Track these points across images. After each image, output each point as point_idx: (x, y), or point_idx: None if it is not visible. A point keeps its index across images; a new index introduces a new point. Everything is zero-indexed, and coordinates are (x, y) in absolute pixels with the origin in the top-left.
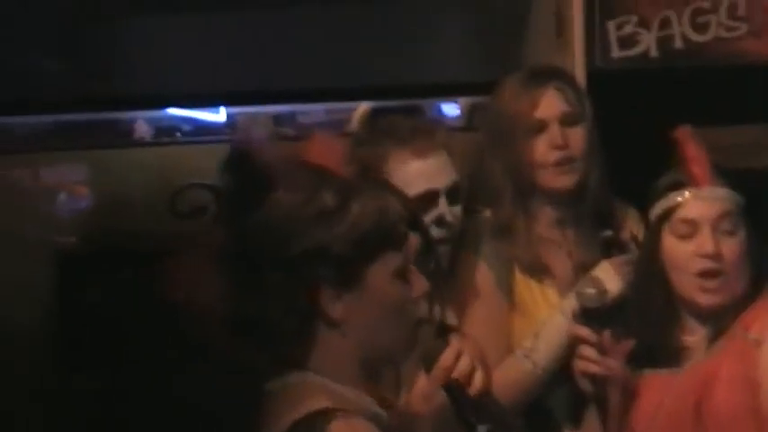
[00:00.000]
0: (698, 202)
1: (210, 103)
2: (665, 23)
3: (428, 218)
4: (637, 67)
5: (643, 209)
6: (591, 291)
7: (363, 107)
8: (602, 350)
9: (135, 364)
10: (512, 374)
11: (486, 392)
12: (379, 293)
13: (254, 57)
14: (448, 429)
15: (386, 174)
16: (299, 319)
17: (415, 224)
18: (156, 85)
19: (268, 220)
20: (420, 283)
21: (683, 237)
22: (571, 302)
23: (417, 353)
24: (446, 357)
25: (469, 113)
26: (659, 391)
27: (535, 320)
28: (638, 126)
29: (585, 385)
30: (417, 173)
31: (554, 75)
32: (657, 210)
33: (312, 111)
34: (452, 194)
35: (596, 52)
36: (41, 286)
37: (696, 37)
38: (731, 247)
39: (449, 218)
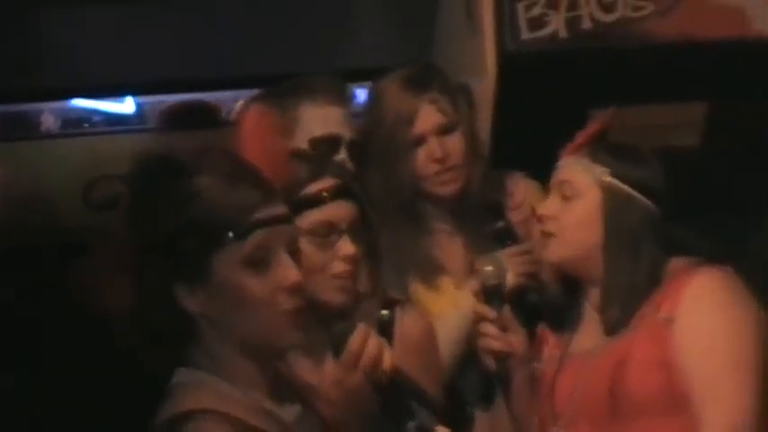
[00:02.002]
0: (555, 171)
1: (117, 93)
2: (573, 4)
3: None
4: (546, 49)
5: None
6: (489, 268)
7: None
8: (503, 327)
9: (49, 365)
10: None
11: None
12: (230, 284)
13: (162, 46)
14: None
15: (294, 120)
16: (169, 314)
17: (350, 192)
18: (63, 76)
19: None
20: (288, 272)
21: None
22: (466, 296)
23: (327, 336)
24: (355, 341)
25: None
26: (574, 372)
27: (432, 317)
28: (549, 107)
29: (489, 363)
30: (324, 117)
31: (428, 83)
32: None
33: (220, 99)
34: (353, 150)
35: (506, 34)
36: None
37: (603, 17)
38: (567, 210)
39: (349, 166)
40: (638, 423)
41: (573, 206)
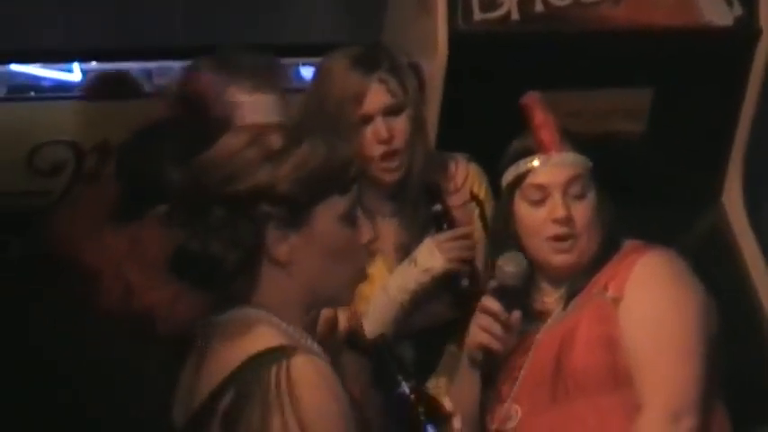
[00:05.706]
0: (547, 168)
1: (64, 59)
2: None
3: None
4: (497, 30)
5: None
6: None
7: None
8: (506, 328)
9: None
10: None
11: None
12: (325, 236)
13: (110, 13)
14: None
15: (223, 107)
16: (242, 257)
17: None
18: (8, 40)
19: (214, 158)
20: (366, 230)
21: (535, 203)
22: (396, 280)
23: None
24: None
25: None
26: (521, 351)
27: (364, 299)
28: (498, 89)
29: (476, 355)
30: (251, 105)
31: (377, 62)
32: (509, 176)
33: (169, 69)
34: None
35: (458, 14)
36: None
37: (556, 1)
38: (581, 210)
39: None
40: (578, 403)
41: (587, 203)
